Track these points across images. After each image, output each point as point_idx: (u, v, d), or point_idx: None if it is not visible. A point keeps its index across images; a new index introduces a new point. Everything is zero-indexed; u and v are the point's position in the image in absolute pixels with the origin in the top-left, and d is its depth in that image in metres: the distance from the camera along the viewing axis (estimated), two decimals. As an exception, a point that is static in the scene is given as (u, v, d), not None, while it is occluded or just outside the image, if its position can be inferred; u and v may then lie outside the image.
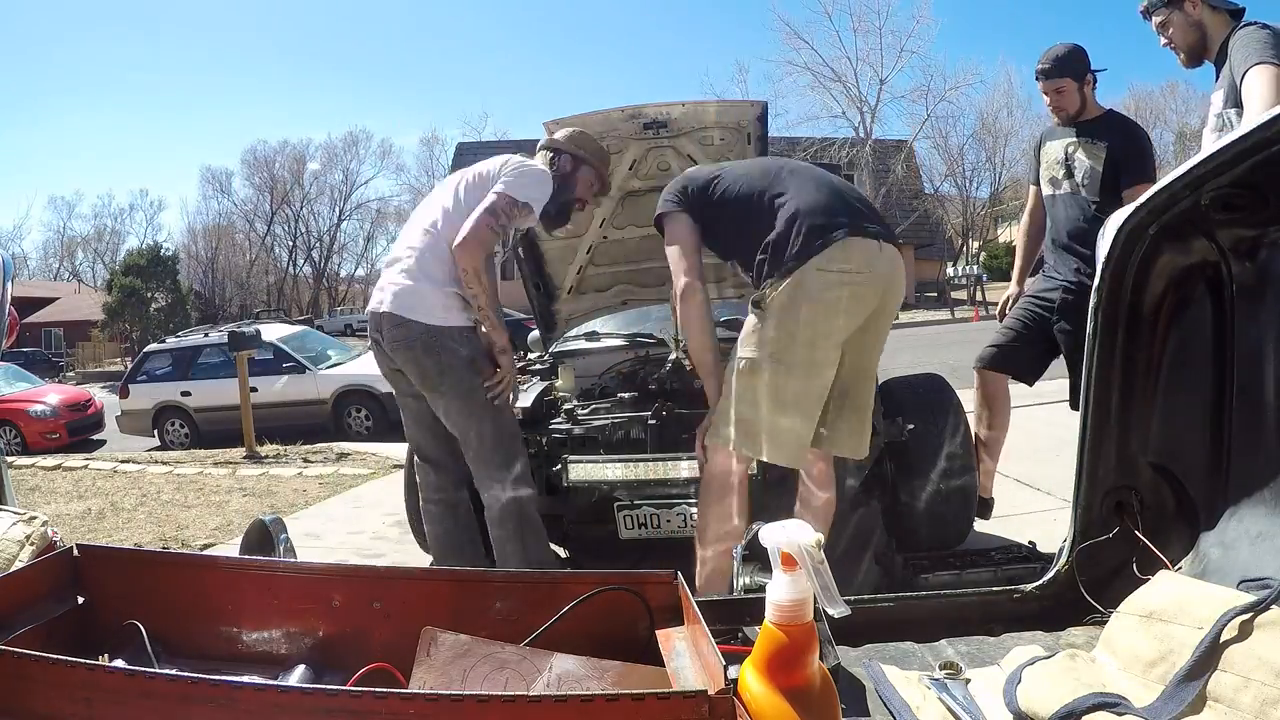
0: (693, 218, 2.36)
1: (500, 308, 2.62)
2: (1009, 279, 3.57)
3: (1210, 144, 1.73)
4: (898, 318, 2.68)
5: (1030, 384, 3.27)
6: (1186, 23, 2.64)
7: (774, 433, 2.18)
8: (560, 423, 3.12)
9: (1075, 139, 3.10)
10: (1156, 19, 2.72)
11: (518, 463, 2.63)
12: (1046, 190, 3.22)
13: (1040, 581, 1.60)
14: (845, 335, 2.19)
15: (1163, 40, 2.72)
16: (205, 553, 3.62)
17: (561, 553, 3.34)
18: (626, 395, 3.21)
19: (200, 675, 0.94)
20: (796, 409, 2.18)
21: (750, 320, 2.22)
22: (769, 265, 2.19)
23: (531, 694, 1.06)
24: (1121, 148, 3.00)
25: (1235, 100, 2.46)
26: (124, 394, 10.65)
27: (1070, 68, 3.08)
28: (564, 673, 1.11)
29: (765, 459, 2.23)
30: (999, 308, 3.52)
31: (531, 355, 4.43)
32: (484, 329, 2.60)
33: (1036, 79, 3.17)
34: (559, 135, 2.86)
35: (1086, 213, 3.05)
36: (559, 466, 2.97)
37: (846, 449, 2.36)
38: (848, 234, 2.13)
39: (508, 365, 2.62)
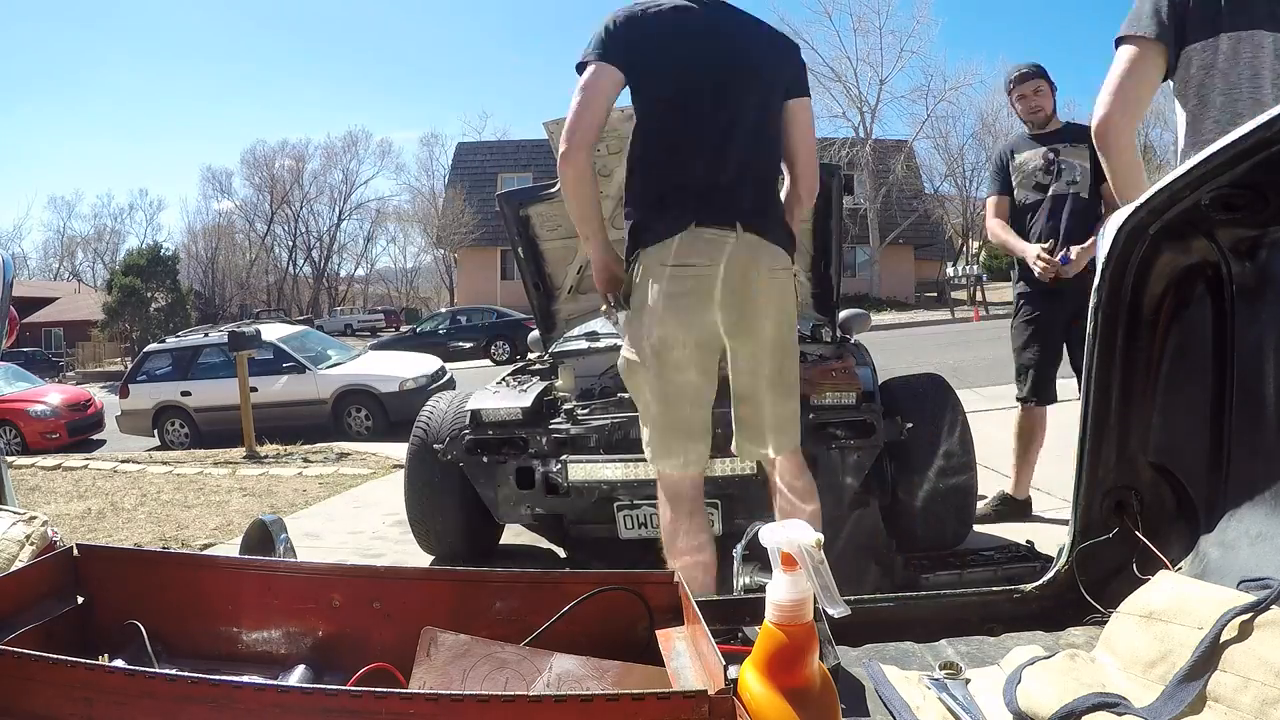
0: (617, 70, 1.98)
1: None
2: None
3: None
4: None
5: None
6: None
7: (663, 436, 1.99)
8: (560, 422, 3.12)
9: (1051, 145, 3.29)
10: None
11: None
12: (1031, 197, 3.35)
13: (1040, 581, 1.60)
14: (702, 333, 1.96)
15: None
16: (205, 553, 3.62)
17: (561, 553, 3.34)
18: (626, 395, 3.21)
19: (200, 675, 0.94)
20: (675, 410, 1.98)
21: (623, 312, 2.06)
22: (628, 238, 2.04)
23: (531, 694, 1.06)
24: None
25: None
26: (124, 394, 10.65)
27: (1044, 72, 3.31)
28: (564, 673, 1.11)
29: (662, 468, 2.02)
30: (1041, 265, 3.27)
31: (531, 355, 4.44)
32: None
33: (1016, 84, 3.35)
34: None
35: (1094, 209, 3.22)
36: (559, 466, 2.97)
37: (782, 445, 2.07)
38: (694, 224, 1.94)
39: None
